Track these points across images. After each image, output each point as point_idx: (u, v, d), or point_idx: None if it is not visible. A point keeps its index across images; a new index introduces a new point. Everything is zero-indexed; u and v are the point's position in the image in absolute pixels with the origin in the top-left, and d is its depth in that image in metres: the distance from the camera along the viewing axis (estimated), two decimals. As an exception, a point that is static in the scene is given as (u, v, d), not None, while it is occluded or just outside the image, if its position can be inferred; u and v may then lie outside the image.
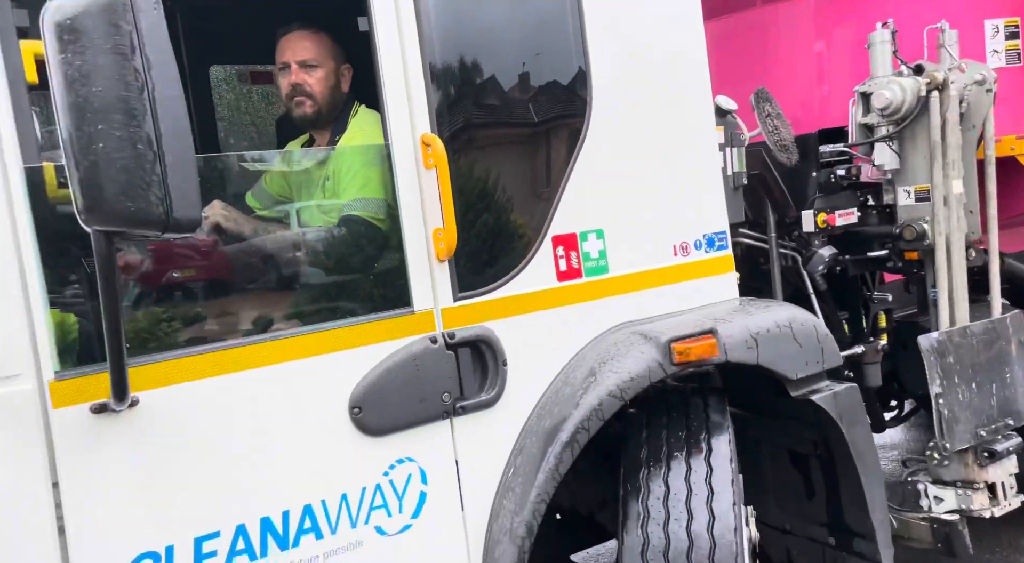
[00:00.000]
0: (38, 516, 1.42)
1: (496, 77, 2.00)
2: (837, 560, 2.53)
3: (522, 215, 2.01)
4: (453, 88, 1.91)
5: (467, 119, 1.94)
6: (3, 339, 1.40)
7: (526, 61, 2.05)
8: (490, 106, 2.01)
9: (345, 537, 1.72)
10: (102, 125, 1.13)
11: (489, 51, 1.99)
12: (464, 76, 1.95)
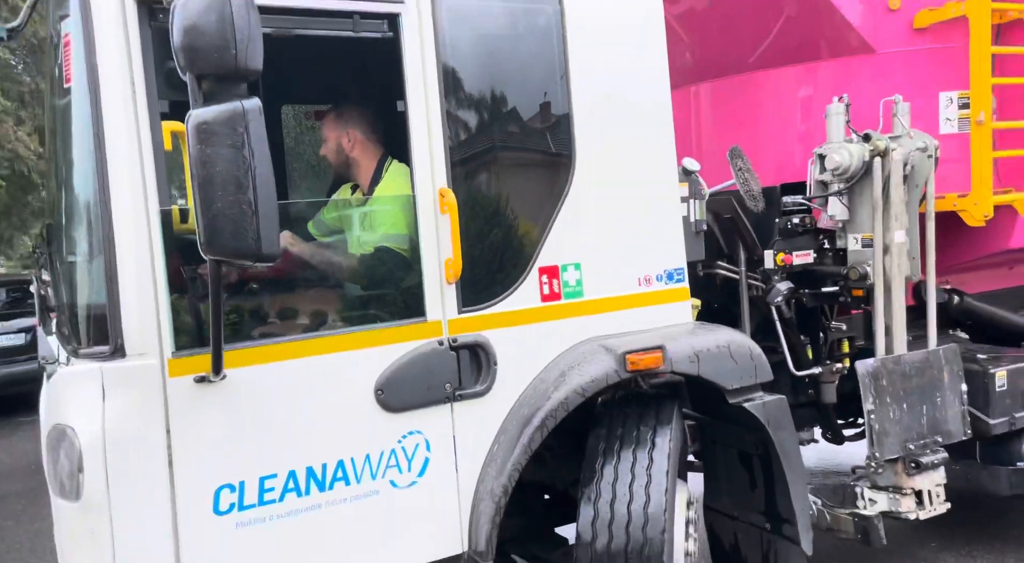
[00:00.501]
0: (156, 451, 2.01)
1: (499, 143, 2.55)
2: (770, 542, 3.00)
3: (515, 249, 2.55)
4: (465, 152, 2.46)
5: (475, 175, 2.49)
6: (139, 328, 1.99)
7: (523, 130, 2.60)
8: (494, 165, 2.57)
9: (366, 486, 2.27)
10: (220, 192, 1.71)
11: (494, 124, 2.55)
12: (475, 143, 2.50)
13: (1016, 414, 3.56)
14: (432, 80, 2.36)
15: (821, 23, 3.59)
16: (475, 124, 2.53)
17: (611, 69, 2.65)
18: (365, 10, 2.28)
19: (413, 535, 2.35)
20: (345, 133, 2.71)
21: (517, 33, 2.57)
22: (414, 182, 2.37)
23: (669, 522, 2.51)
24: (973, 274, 4.25)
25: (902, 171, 3.30)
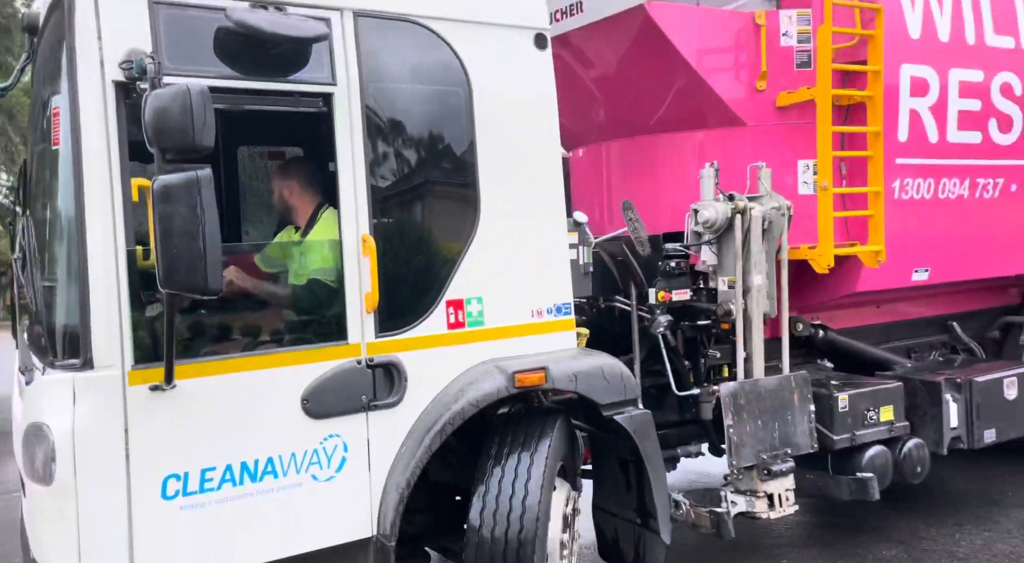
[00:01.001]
0: (115, 446, 2.40)
1: (414, 197, 3.04)
2: (640, 534, 3.48)
3: (426, 285, 3.01)
4: (385, 205, 2.93)
5: (393, 223, 2.95)
6: (105, 345, 2.40)
7: (435, 187, 3.09)
8: (410, 215, 3.05)
9: (291, 479, 2.69)
10: (177, 240, 2.14)
11: (411, 181, 3.03)
12: (393, 197, 2.98)
13: (856, 432, 4.13)
14: (358, 145, 2.82)
15: (702, 98, 4.16)
16: (394, 181, 3.00)
17: (511, 138, 3.15)
18: (305, 90, 2.75)
19: (330, 521, 2.77)
20: (287, 185, 3.16)
21: (432, 108, 3.07)
22: (341, 228, 2.82)
23: (544, 514, 2.99)
24: (843, 312, 4.86)
25: (761, 226, 3.87)
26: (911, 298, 5.10)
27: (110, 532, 2.40)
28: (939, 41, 4.26)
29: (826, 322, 4.73)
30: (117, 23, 2.42)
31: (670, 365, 4.06)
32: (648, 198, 4.42)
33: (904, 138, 4.20)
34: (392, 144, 2.98)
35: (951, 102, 4.32)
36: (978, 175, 4.52)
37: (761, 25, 4.10)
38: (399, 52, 2.95)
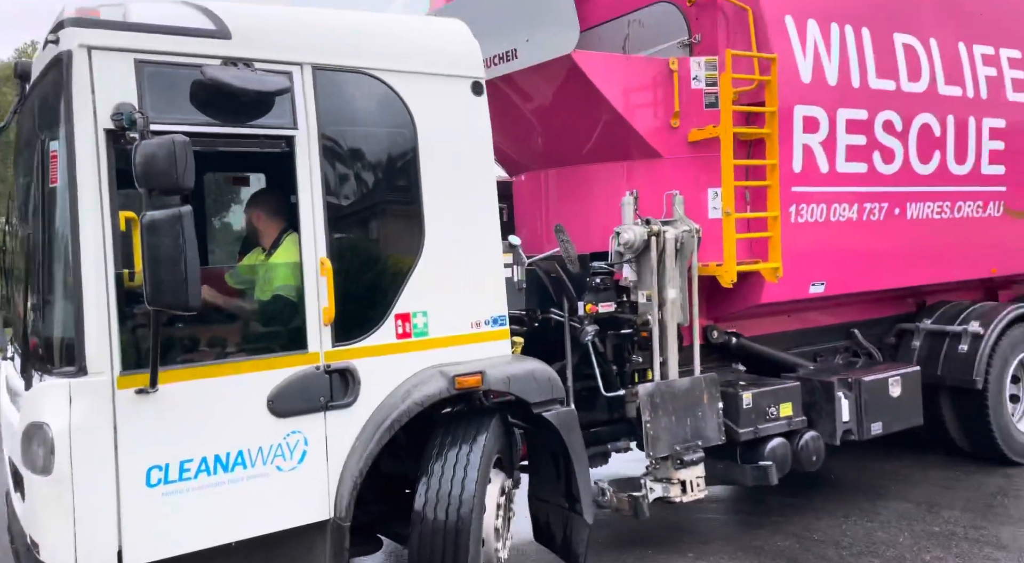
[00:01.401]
0: (105, 441, 2.75)
1: (367, 225, 3.44)
2: (568, 517, 3.91)
3: (378, 300, 3.41)
4: (341, 232, 3.33)
5: (348, 247, 3.35)
6: (97, 354, 2.75)
7: (385, 216, 3.50)
8: (363, 241, 3.46)
9: (259, 469, 3.06)
10: (162, 266, 2.52)
11: (364, 211, 3.44)
12: (348, 225, 3.38)
13: (759, 426, 4.64)
14: (316, 180, 3.22)
15: (624, 134, 4.65)
16: (348, 210, 3.40)
17: (451, 173, 3.58)
18: (270, 134, 3.15)
19: (293, 505, 3.15)
20: (255, 213, 3.54)
21: (382, 147, 3.49)
22: (302, 251, 3.21)
23: (479, 501, 3.40)
24: (756, 320, 5.38)
25: (674, 246, 4.37)
26: (817, 308, 5.66)
27: (101, 515, 2.75)
28: (828, 85, 4.83)
29: (740, 330, 5.26)
30: (108, 79, 2.79)
31: (599, 369, 4.51)
32: (581, 221, 4.90)
33: (798, 169, 4.75)
34: (346, 178, 3.39)
35: (839, 138, 4.89)
36: (865, 200, 5.10)
37: (674, 70, 4.62)
38: (352, 99, 3.36)
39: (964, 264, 5.85)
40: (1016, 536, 4.51)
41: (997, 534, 4.56)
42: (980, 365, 5.55)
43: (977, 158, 5.61)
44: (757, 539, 4.69)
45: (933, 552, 4.37)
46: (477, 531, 3.42)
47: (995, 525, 4.69)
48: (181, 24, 2.99)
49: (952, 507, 5.05)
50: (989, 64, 5.68)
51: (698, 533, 4.83)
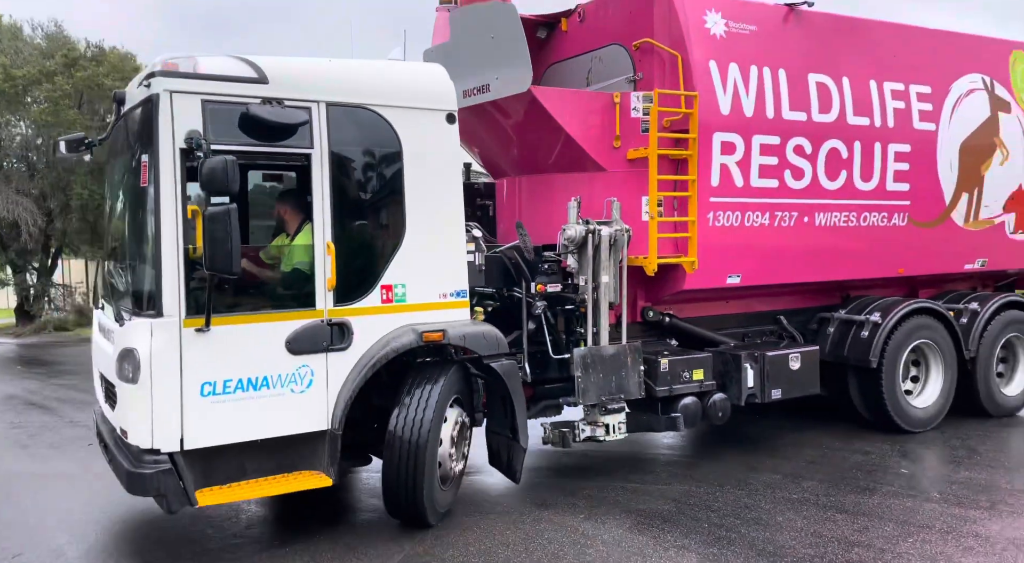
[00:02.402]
0: (174, 363, 3.90)
1: (363, 218, 4.53)
2: (510, 445, 4.99)
3: (368, 275, 4.49)
4: (343, 223, 4.41)
5: (348, 235, 4.44)
6: (170, 303, 3.89)
7: (376, 211, 4.59)
8: (359, 230, 4.54)
9: (278, 390, 4.18)
10: (215, 244, 3.65)
11: (361, 207, 4.53)
12: (349, 218, 4.46)
13: (674, 386, 5.63)
14: (326, 185, 4.31)
15: (576, 152, 5.66)
16: (349, 208, 4.48)
17: (428, 182, 4.65)
18: (292, 151, 4.25)
19: (301, 417, 4.27)
20: (282, 207, 4.66)
21: (375, 162, 4.57)
22: (314, 237, 4.32)
23: (436, 426, 4.49)
24: (694, 304, 6.37)
25: (608, 242, 5.37)
26: (751, 297, 6.61)
27: (169, 412, 3.91)
28: (745, 116, 5.77)
29: (678, 312, 6.25)
30: (182, 113, 3.92)
31: (549, 337, 5.55)
32: (545, 219, 5.91)
33: (716, 183, 5.72)
34: (348, 184, 4.49)
35: (754, 159, 5.83)
36: (776, 210, 6.04)
37: (617, 102, 5.61)
38: (354, 126, 4.44)
39: (873, 265, 6.74)
40: (858, 502, 5.01)
41: (842, 501, 5.05)
42: (876, 348, 6.46)
43: (882, 177, 6.49)
44: (641, 504, 5.08)
45: (786, 515, 4.82)
46: (434, 447, 4.52)
47: (843, 493, 5.20)
48: (233, 73, 4.10)
49: (812, 478, 5.54)
50: (898, 98, 6.55)
51: (592, 498, 5.21)
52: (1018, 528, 4.54)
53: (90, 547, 4.56)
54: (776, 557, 4.20)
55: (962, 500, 5.07)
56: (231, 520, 4.98)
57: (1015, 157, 7.30)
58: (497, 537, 4.52)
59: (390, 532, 4.64)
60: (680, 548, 4.34)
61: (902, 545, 4.32)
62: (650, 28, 5.69)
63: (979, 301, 7.25)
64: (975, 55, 7.12)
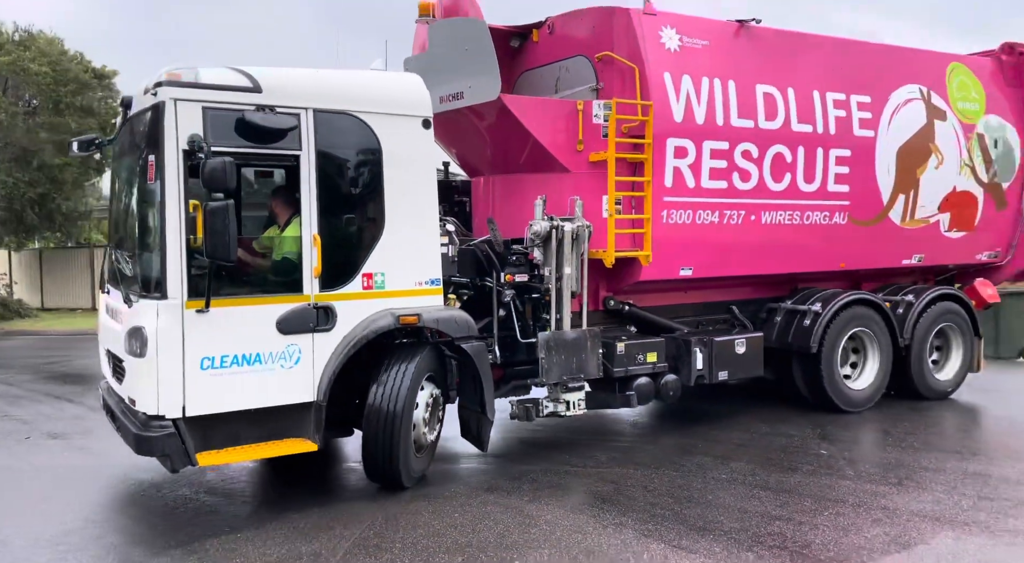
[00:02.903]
0: (177, 339, 4.36)
1: (346, 213, 4.99)
2: (479, 419, 5.48)
3: (351, 264, 4.95)
4: (328, 217, 4.86)
5: (333, 228, 4.89)
6: (174, 287, 4.34)
7: (359, 207, 5.04)
8: (343, 223, 4.99)
9: (269, 366, 4.64)
10: (214, 235, 4.11)
11: (344, 202, 4.98)
12: (334, 212, 4.91)
13: (629, 367, 6.14)
14: (313, 183, 4.76)
15: (542, 155, 6.13)
16: (334, 203, 4.93)
17: (405, 181, 5.11)
18: (283, 153, 4.70)
19: (290, 390, 4.72)
20: (274, 202, 5.11)
21: (358, 163, 5.03)
22: (302, 230, 4.77)
23: (410, 399, 4.97)
24: (653, 295, 6.86)
25: (571, 237, 5.86)
26: (705, 288, 7.12)
27: (173, 383, 4.36)
28: (696, 123, 6.27)
29: (638, 302, 6.76)
30: (185, 119, 4.36)
31: (517, 323, 6.05)
32: (515, 215, 6.37)
33: (669, 184, 6.21)
34: (333, 182, 4.93)
35: (704, 162, 6.34)
36: (725, 209, 6.55)
37: (580, 110, 6.08)
38: (338, 130, 4.89)
39: (816, 259, 7.27)
40: (780, 481, 5.33)
41: (767, 480, 5.36)
42: (816, 335, 7.01)
43: (824, 179, 7.02)
44: (582, 486, 5.28)
45: (716, 493, 5.09)
46: (408, 419, 5.00)
47: (768, 473, 5.51)
48: (230, 83, 4.54)
49: (740, 460, 5.83)
50: (839, 107, 7.07)
51: (536, 481, 5.37)
52: (921, 501, 4.93)
53: (37, 537, 4.49)
54: (705, 531, 4.43)
55: (873, 477, 5.44)
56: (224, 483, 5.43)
57: (949, 161, 7.85)
58: (446, 519, 4.62)
59: (342, 515, 4.72)
60: (618, 525, 4.52)
61: (818, 518, 4.64)
62: (611, 42, 6.17)
63: (915, 293, 7.81)
64: (913, 67, 7.66)
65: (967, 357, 8.15)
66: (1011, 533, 4.40)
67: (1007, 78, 8.39)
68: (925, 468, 5.66)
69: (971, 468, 5.64)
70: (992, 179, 8.20)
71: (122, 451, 4.91)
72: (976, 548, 4.20)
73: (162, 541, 4.41)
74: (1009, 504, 4.87)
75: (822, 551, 4.17)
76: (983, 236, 8.29)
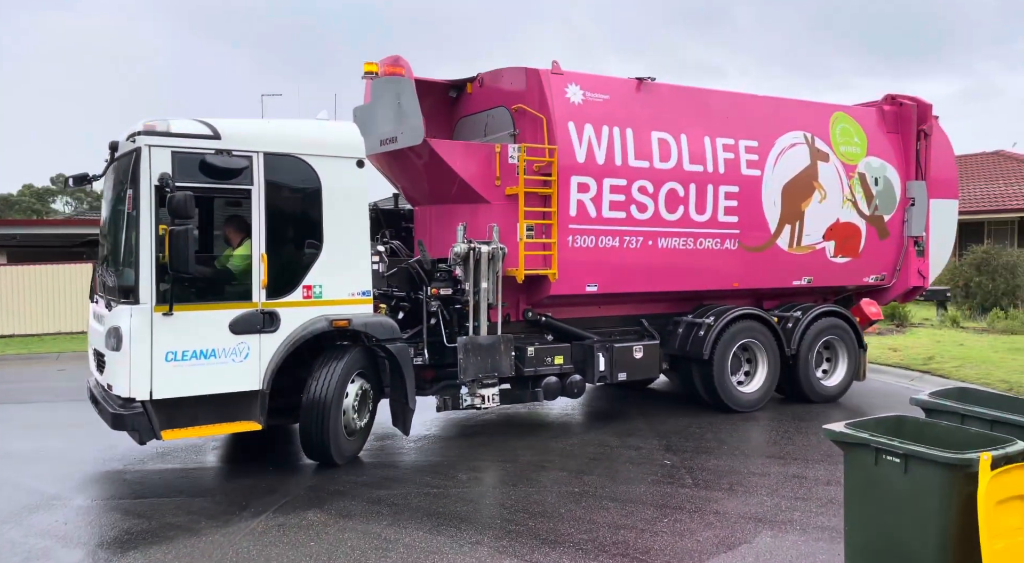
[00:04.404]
0: (146, 336, 5.27)
1: (288, 237, 5.93)
2: (404, 407, 6.36)
3: (292, 278, 5.87)
4: (274, 240, 5.79)
5: (278, 249, 5.82)
6: (145, 294, 5.26)
7: (299, 231, 5.98)
8: (286, 245, 5.93)
9: (222, 360, 5.54)
10: (178, 253, 5.04)
11: (288, 228, 5.93)
12: (279, 236, 5.85)
13: (539, 368, 7.06)
14: (262, 212, 5.71)
15: (466, 189, 7.10)
16: (280, 228, 5.86)
17: (341, 211, 6.06)
18: (237, 187, 5.65)
19: (241, 380, 5.61)
20: (227, 227, 6.04)
21: (300, 196, 5.97)
22: (253, 249, 5.70)
23: (340, 390, 5.86)
24: (570, 308, 7.78)
25: (487, 257, 6.80)
26: (618, 303, 8.05)
27: (142, 372, 5.26)
28: (597, 163, 7.25)
29: (556, 314, 7.68)
30: (157, 161, 5.32)
31: (444, 329, 6.96)
32: (448, 238, 7.31)
33: (574, 214, 7.17)
34: (279, 211, 5.87)
35: (604, 196, 7.30)
36: (625, 235, 7.49)
37: (498, 152, 7.06)
38: (285, 169, 5.85)
39: (710, 279, 8.20)
40: (627, 492, 5.51)
41: (615, 491, 5.51)
42: (708, 344, 7.92)
43: (714, 211, 7.98)
44: (441, 507, 5.19)
45: (568, 506, 5.17)
46: (338, 406, 5.89)
47: (616, 484, 5.67)
48: (194, 132, 5.51)
49: (592, 473, 5.97)
50: (728, 150, 8.06)
51: (395, 505, 5.23)
52: (749, 504, 5.22)
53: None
54: (556, 544, 4.51)
55: (708, 484, 5.69)
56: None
57: (832, 196, 8.82)
58: (302, 549, 4.44)
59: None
60: (474, 543, 4.52)
61: (659, 525, 4.83)
62: (524, 96, 7.18)
63: (803, 310, 8.74)
64: (799, 116, 8.67)
65: (851, 366, 9.05)
66: (820, 529, 4.75)
67: (888, 125, 9.42)
68: (753, 472, 5.99)
69: (791, 471, 6.01)
70: (874, 212, 9.17)
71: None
72: (790, 545, 4.51)
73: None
74: (820, 503, 5.23)
75: (659, 556, 4.33)
76: (868, 262, 9.24)
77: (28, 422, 8.34)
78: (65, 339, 15.83)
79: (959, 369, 10.52)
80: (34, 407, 9.24)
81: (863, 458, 3.76)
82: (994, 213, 21.42)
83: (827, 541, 4.55)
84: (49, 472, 6.19)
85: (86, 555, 4.47)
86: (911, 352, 12.01)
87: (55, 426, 8.02)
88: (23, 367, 12.93)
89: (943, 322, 16.10)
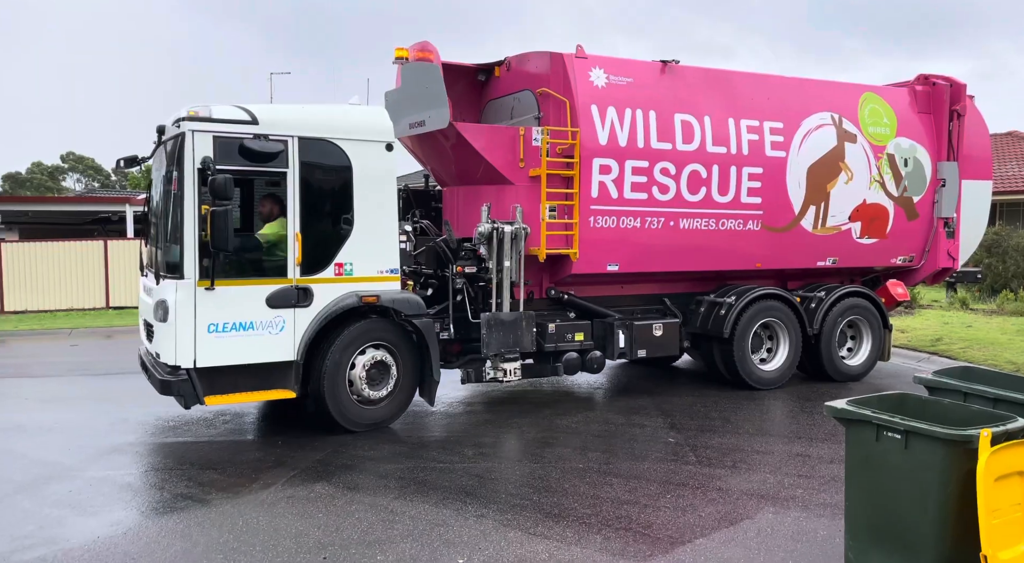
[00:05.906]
0: (190, 308, 5.60)
1: (322, 215, 6.17)
2: (429, 379, 6.59)
3: (325, 256, 6.12)
4: (308, 219, 6.05)
5: (312, 227, 6.07)
6: (189, 270, 5.57)
7: (333, 210, 6.22)
8: (320, 223, 6.18)
9: (260, 332, 5.84)
10: (219, 231, 5.34)
11: (322, 207, 6.17)
12: (313, 215, 6.10)
13: (559, 344, 7.20)
14: (296, 193, 5.96)
15: (491, 171, 7.22)
16: (313, 209, 6.11)
17: (371, 192, 6.27)
18: (274, 171, 5.90)
19: (277, 350, 5.91)
20: (265, 206, 6.31)
21: (333, 177, 6.19)
22: (288, 228, 5.97)
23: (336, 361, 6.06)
24: (592, 287, 7.88)
25: (510, 237, 6.94)
26: (640, 282, 8.11)
27: (187, 342, 5.60)
28: (619, 145, 7.28)
29: (579, 293, 7.78)
30: (200, 145, 5.59)
31: (470, 306, 7.16)
32: (475, 218, 7.48)
33: (595, 195, 7.24)
34: (312, 193, 6.11)
35: (626, 177, 7.34)
36: (646, 216, 7.53)
37: (522, 135, 7.15)
38: (318, 152, 6.07)
39: (732, 260, 8.18)
40: (631, 468, 5.49)
41: (618, 467, 5.51)
42: (729, 323, 7.93)
43: (737, 192, 7.93)
44: (447, 481, 5.19)
45: (572, 482, 5.17)
46: (335, 374, 6.07)
47: (620, 461, 5.66)
48: (234, 117, 5.76)
49: (596, 450, 5.92)
50: (753, 132, 7.98)
51: (403, 479, 5.25)
52: (751, 481, 5.19)
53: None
54: (560, 518, 4.50)
55: (712, 461, 5.65)
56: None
57: (859, 178, 8.66)
58: (310, 520, 4.47)
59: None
60: (479, 516, 4.51)
61: (662, 500, 4.81)
62: (548, 80, 7.24)
63: (827, 290, 8.66)
64: (826, 97, 8.51)
65: (876, 346, 8.95)
66: (822, 506, 4.73)
67: (920, 105, 9.17)
68: (756, 450, 5.95)
69: (795, 449, 5.97)
70: (903, 193, 8.98)
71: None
72: (792, 521, 4.48)
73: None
74: (822, 481, 5.20)
75: (661, 531, 4.33)
76: (896, 243, 9.07)
77: (42, 396, 8.31)
78: (77, 315, 15.78)
79: (966, 351, 10.27)
80: (48, 381, 9.18)
81: (864, 434, 3.76)
82: (1006, 194, 20.28)
83: (828, 517, 4.55)
84: (64, 444, 6.18)
85: (99, 524, 4.47)
86: (919, 333, 11.75)
87: (69, 400, 8.07)
88: (36, 343, 12.92)
89: (952, 304, 15.63)
